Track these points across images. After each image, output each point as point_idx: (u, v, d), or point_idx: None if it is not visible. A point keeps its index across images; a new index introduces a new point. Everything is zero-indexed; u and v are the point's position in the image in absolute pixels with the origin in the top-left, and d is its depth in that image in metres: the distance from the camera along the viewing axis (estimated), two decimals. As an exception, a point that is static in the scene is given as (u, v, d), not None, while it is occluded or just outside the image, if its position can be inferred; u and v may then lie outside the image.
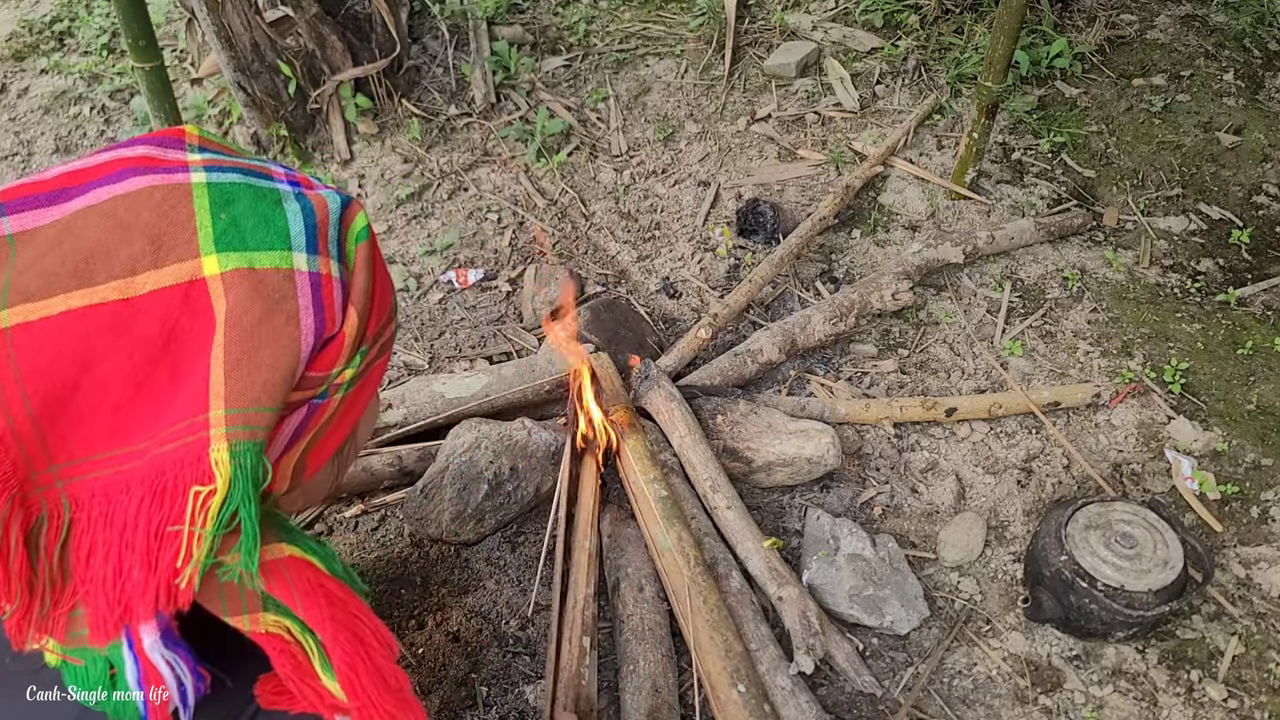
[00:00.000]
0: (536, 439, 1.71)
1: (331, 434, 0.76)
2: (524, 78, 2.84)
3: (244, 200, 0.69)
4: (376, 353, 0.78)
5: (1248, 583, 1.69)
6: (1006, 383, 2.01)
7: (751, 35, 3.01)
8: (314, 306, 0.69)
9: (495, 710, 1.50)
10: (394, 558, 1.70)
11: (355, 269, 0.74)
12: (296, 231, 0.70)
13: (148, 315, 0.64)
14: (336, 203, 0.75)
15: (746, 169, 2.57)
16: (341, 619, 0.68)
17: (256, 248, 0.67)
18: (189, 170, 0.69)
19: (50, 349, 0.62)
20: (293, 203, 0.71)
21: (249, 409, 0.64)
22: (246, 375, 0.64)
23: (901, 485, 1.84)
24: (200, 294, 0.65)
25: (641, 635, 1.49)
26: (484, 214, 2.47)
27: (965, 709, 1.53)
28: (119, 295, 0.64)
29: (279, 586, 0.67)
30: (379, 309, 0.77)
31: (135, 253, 0.64)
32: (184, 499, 0.62)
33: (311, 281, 0.69)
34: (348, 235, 0.75)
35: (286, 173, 0.76)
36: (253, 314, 0.65)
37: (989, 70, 2.14)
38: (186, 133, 0.74)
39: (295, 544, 0.70)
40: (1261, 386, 2.01)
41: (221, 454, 0.62)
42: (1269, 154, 2.56)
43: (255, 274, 0.66)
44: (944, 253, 2.20)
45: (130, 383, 0.63)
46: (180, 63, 2.92)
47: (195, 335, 0.65)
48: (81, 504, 0.62)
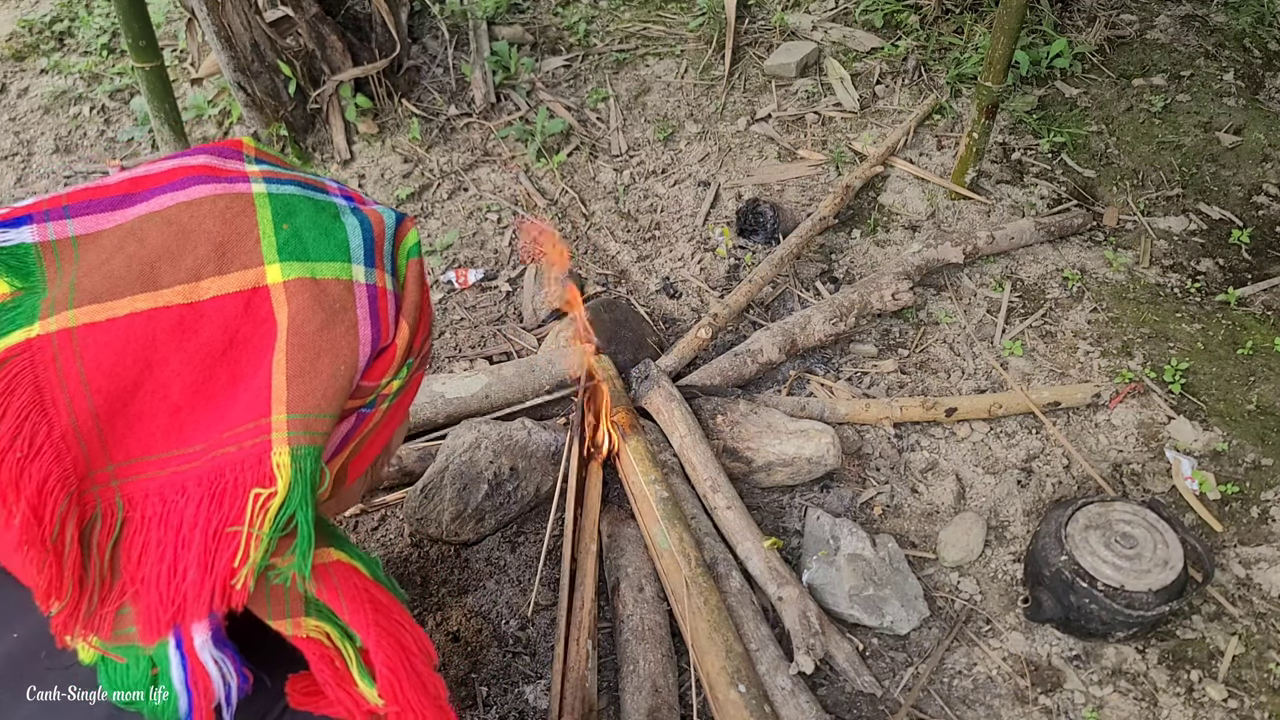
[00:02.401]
0: (536, 439, 1.71)
1: (373, 442, 0.78)
2: (524, 78, 2.84)
3: (305, 212, 0.71)
4: (418, 365, 0.80)
5: (1248, 583, 1.69)
6: (1006, 383, 2.01)
7: (751, 35, 3.01)
8: (371, 318, 0.70)
9: (495, 710, 1.50)
10: (394, 558, 1.70)
11: (407, 283, 0.76)
12: (356, 245, 0.72)
13: (210, 320, 0.65)
14: (391, 219, 0.78)
15: (746, 169, 2.57)
16: (386, 625, 0.69)
17: (318, 258, 0.69)
18: (249, 181, 0.71)
19: (115, 349, 0.63)
20: (350, 217, 0.73)
21: (310, 414, 0.65)
22: (308, 382, 0.66)
23: (901, 485, 1.84)
24: (263, 301, 0.67)
25: (641, 635, 1.49)
26: (484, 214, 2.47)
27: (965, 709, 1.53)
28: (183, 300, 0.65)
29: (327, 591, 0.68)
30: (425, 323, 0.79)
31: (200, 259, 0.66)
32: (244, 500, 0.63)
33: (369, 293, 0.71)
34: (400, 251, 0.77)
35: (340, 188, 0.78)
36: (314, 323, 0.67)
37: (989, 70, 2.14)
38: (244, 144, 0.76)
39: (343, 549, 0.71)
40: (1261, 386, 2.01)
41: (283, 457, 0.63)
42: (1269, 154, 2.56)
43: (317, 284, 0.68)
44: (944, 253, 2.20)
45: (190, 386, 0.65)
46: (180, 63, 2.92)
47: (256, 342, 0.66)
48: (135, 504, 0.63)
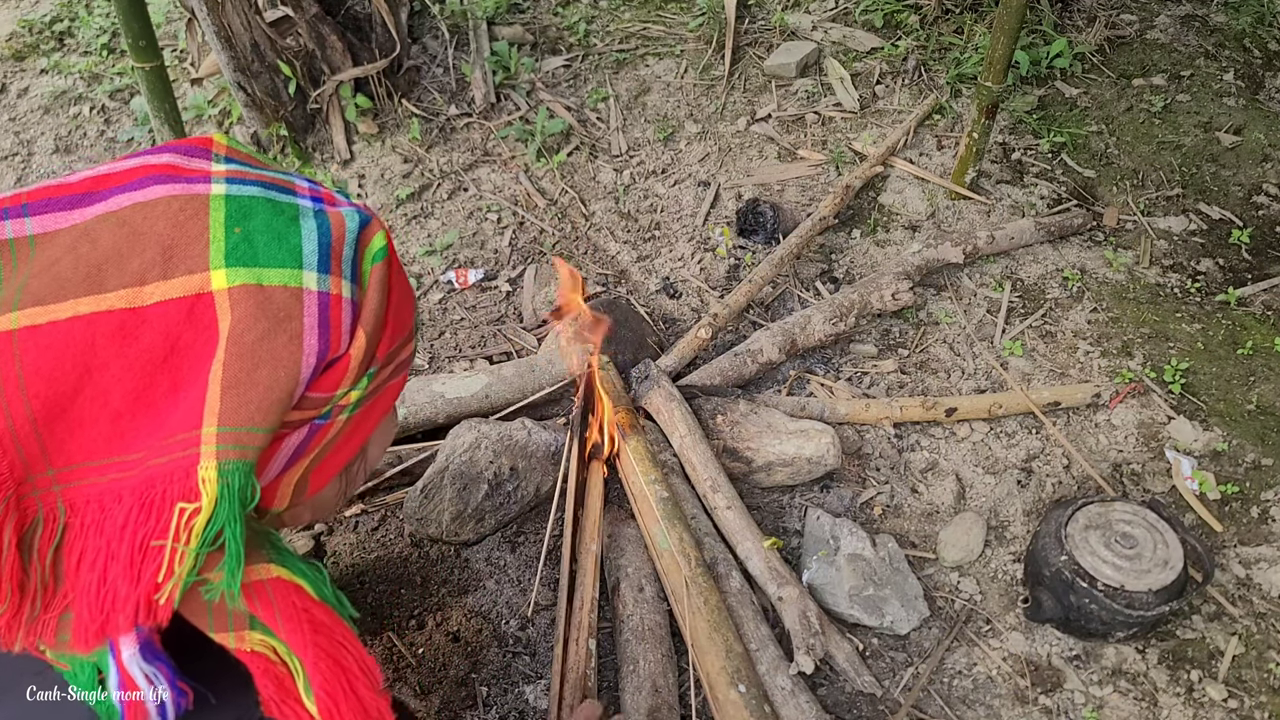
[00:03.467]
0: (536, 439, 1.71)
1: (336, 453, 0.76)
2: (524, 78, 2.84)
3: (260, 215, 0.69)
4: (389, 374, 0.77)
5: (1248, 583, 1.69)
6: (1006, 383, 2.01)
7: (751, 35, 3.01)
8: (319, 327, 0.68)
9: (495, 710, 1.50)
10: (394, 558, 1.70)
11: (368, 290, 0.73)
12: (310, 250, 0.69)
13: (152, 326, 0.64)
14: (355, 221, 0.74)
15: (746, 169, 2.57)
16: (324, 645, 0.67)
17: (267, 264, 0.67)
18: (210, 181, 0.69)
19: (54, 353, 0.62)
20: (310, 220, 0.71)
21: (241, 428, 0.63)
22: (242, 394, 0.64)
23: (901, 485, 1.84)
24: (206, 308, 0.65)
25: (641, 635, 1.49)
26: (484, 214, 2.47)
27: (965, 709, 1.53)
28: (126, 304, 0.63)
29: (262, 608, 0.66)
30: (393, 331, 0.76)
31: (146, 262, 0.64)
32: (169, 514, 0.61)
33: (320, 301, 0.68)
34: (364, 255, 0.74)
35: (310, 187, 0.75)
36: (255, 331, 0.65)
37: (989, 70, 2.14)
38: (214, 142, 0.74)
39: (285, 565, 0.69)
40: (1261, 386, 2.01)
41: (209, 472, 0.62)
42: (1269, 154, 2.56)
43: (263, 291, 0.66)
44: (944, 253, 2.19)
45: (130, 393, 0.63)
46: (180, 63, 2.92)
47: (197, 349, 0.64)
48: (76, 509, 0.62)
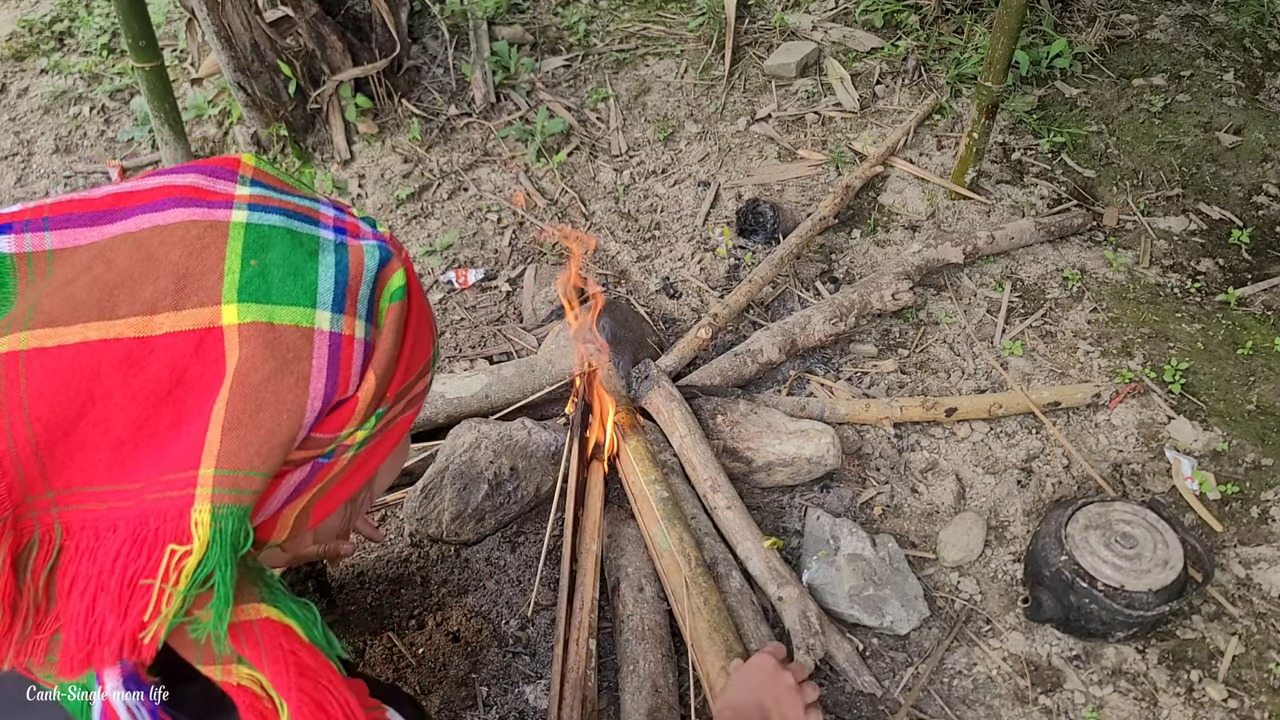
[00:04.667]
0: (536, 439, 1.71)
1: (340, 487, 0.75)
2: (524, 78, 2.84)
3: (278, 247, 0.67)
4: (400, 409, 0.76)
5: (1248, 583, 1.69)
6: (1006, 383, 2.01)
7: (751, 35, 3.01)
8: (328, 369, 0.67)
9: (495, 710, 1.50)
10: (394, 558, 1.70)
11: (383, 330, 0.72)
12: (325, 289, 0.68)
13: (159, 358, 0.63)
14: (375, 259, 0.72)
15: (746, 169, 2.57)
16: (309, 690, 0.67)
17: (280, 301, 0.66)
18: (232, 207, 0.68)
19: (60, 378, 0.61)
20: (329, 255, 0.69)
21: (239, 471, 0.63)
22: (242, 436, 0.63)
23: (901, 485, 1.84)
24: (215, 343, 0.64)
25: (641, 635, 1.49)
26: (484, 214, 2.47)
27: (965, 709, 1.53)
28: (135, 333, 0.63)
29: (249, 648, 0.66)
30: (405, 370, 0.74)
31: (159, 291, 0.63)
32: (160, 553, 0.61)
33: (331, 342, 0.67)
34: (382, 294, 0.72)
35: (336, 216, 0.74)
36: (261, 372, 0.64)
37: (989, 70, 2.14)
38: (242, 163, 0.73)
39: (276, 605, 0.69)
40: (1261, 386, 2.01)
41: (203, 515, 0.61)
42: (1269, 154, 2.56)
43: (273, 329, 0.65)
44: (944, 253, 2.20)
45: (133, 422, 0.63)
46: (180, 63, 2.91)
47: (203, 384, 0.64)
48: (73, 533, 0.62)
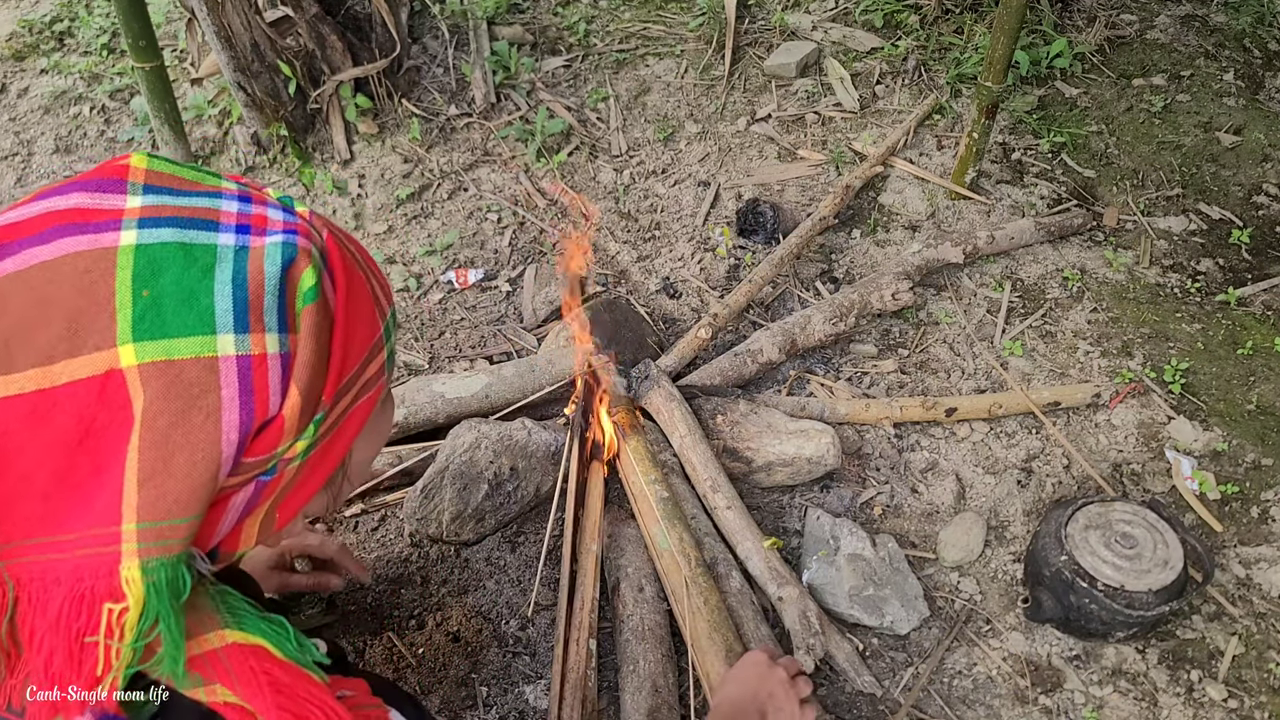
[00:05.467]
0: (536, 439, 1.71)
1: (300, 490, 0.72)
2: (524, 78, 2.84)
3: (171, 270, 0.62)
4: (348, 402, 0.73)
5: (1248, 583, 1.69)
6: (1006, 383, 2.01)
7: (751, 35, 3.01)
8: (240, 396, 0.63)
9: (495, 710, 1.50)
10: (394, 558, 1.70)
11: (301, 336, 0.66)
12: (224, 309, 0.63)
13: (63, 409, 0.60)
14: (277, 262, 0.66)
15: (746, 169, 2.57)
16: (288, 705, 0.66)
17: (176, 334, 0.61)
18: (120, 228, 0.63)
19: None
20: (227, 268, 0.64)
21: (161, 522, 0.61)
22: (159, 486, 0.61)
23: (901, 485, 1.84)
24: (118, 387, 0.60)
25: (641, 635, 1.49)
26: (484, 214, 2.47)
27: (965, 709, 1.53)
28: (36, 386, 0.59)
29: (219, 676, 0.65)
30: (340, 368, 0.70)
31: (52, 338, 0.60)
32: (99, 611, 0.60)
33: (239, 367, 0.63)
34: (293, 298, 0.67)
35: (240, 211, 0.68)
36: (168, 414, 0.61)
37: (989, 70, 2.14)
38: (131, 169, 0.67)
39: (241, 628, 0.67)
40: (1261, 386, 2.01)
41: (132, 572, 0.60)
42: (1269, 154, 2.56)
43: (173, 366, 0.61)
44: (944, 253, 2.20)
45: (54, 475, 0.60)
46: (180, 63, 2.91)
47: (112, 431, 0.61)
48: (23, 584, 0.61)
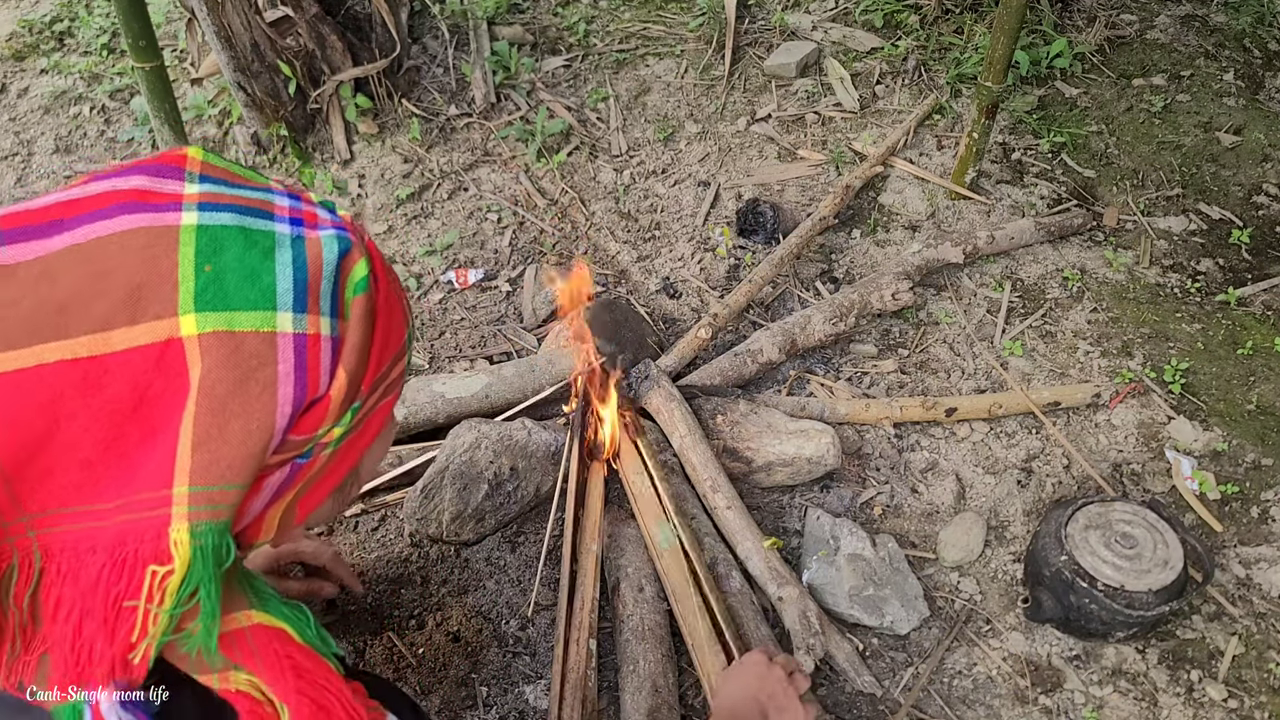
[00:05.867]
0: (536, 439, 1.71)
1: (323, 482, 0.74)
2: (524, 78, 2.84)
3: (232, 249, 0.65)
4: (378, 398, 0.75)
5: (1248, 583, 1.69)
6: (1006, 383, 2.01)
7: (751, 35, 3.01)
8: (295, 372, 0.65)
9: (495, 710, 1.50)
10: (394, 558, 1.70)
11: (350, 324, 0.69)
12: (284, 289, 0.65)
13: (118, 376, 0.61)
14: (334, 250, 0.69)
15: (746, 169, 2.57)
16: (307, 691, 0.67)
17: (238, 307, 0.63)
18: (181, 209, 0.65)
19: (19, 404, 0.60)
20: (286, 251, 0.67)
21: (213, 486, 0.62)
22: (213, 451, 0.62)
23: (901, 485, 1.84)
24: (176, 356, 0.62)
25: (641, 635, 1.49)
26: (484, 214, 2.47)
27: (965, 709, 1.53)
28: (89, 352, 0.60)
29: (244, 657, 0.66)
30: (378, 360, 0.72)
31: (112, 305, 0.61)
32: (141, 575, 0.60)
33: (295, 344, 0.65)
34: (345, 286, 0.70)
35: (291, 205, 0.71)
36: (226, 383, 0.62)
37: (989, 70, 2.14)
38: (188, 159, 0.69)
39: (266, 610, 0.68)
40: (1261, 386, 2.01)
41: (181, 534, 0.61)
42: (1269, 154, 2.56)
43: (234, 337, 0.63)
44: (944, 253, 2.20)
45: (100, 442, 0.61)
46: (180, 63, 2.91)
47: (168, 399, 0.62)
48: (52, 555, 0.61)
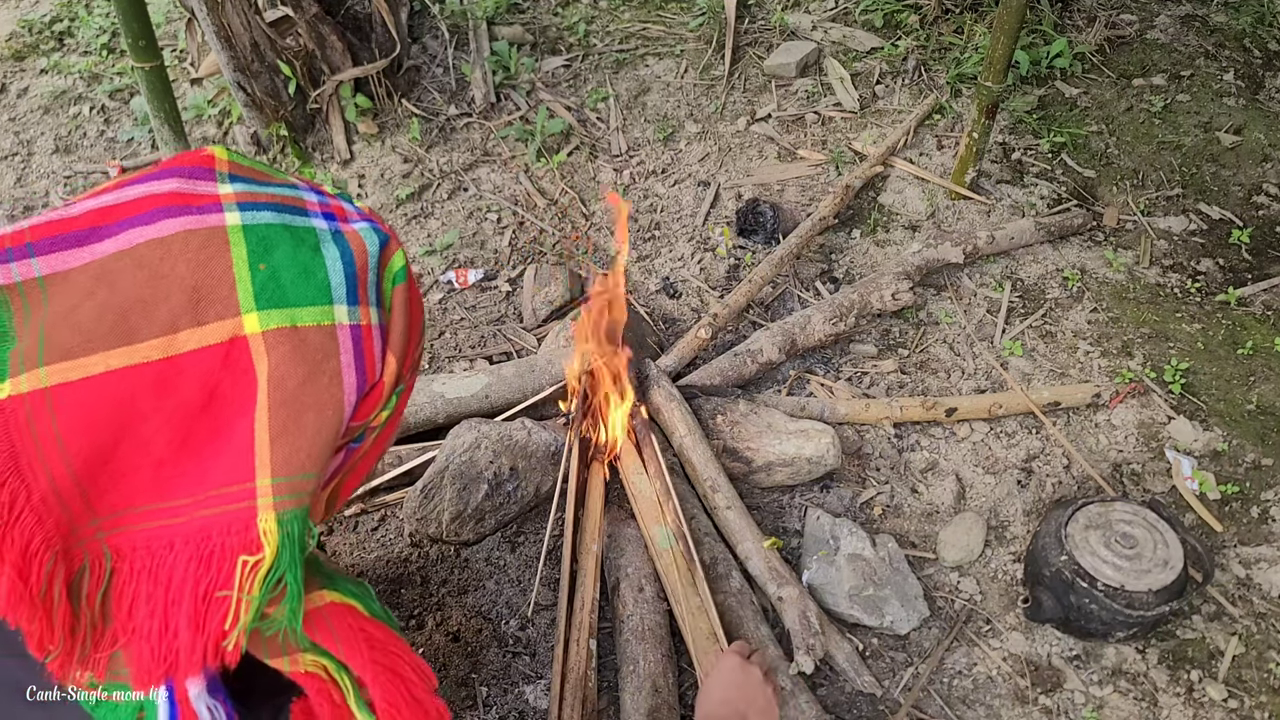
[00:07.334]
0: (536, 439, 1.71)
1: (365, 463, 0.77)
2: (524, 78, 2.84)
3: (282, 247, 0.67)
4: (412, 379, 0.78)
5: (1248, 583, 1.69)
6: (1006, 383, 2.01)
7: (751, 35, 3.01)
8: (356, 361, 0.68)
9: (495, 710, 1.50)
10: (394, 558, 1.70)
11: (393, 312, 0.73)
12: (337, 283, 0.68)
13: (188, 376, 0.63)
14: (375, 244, 0.73)
15: (746, 169, 2.57)
16: (383, 661, 0.69)
17: (298, 303, 0.66)
18: (222, 209, 0.67)
19: (92, 409, 0.61)
20: (331, 247, 0.70)
21: (295, 476, 0.64)
22: (292, 442, 0.64)
23: (901, 485, 1.84)
24: (242, 353, 0.64)
25: (641, 635, 1.49)
26: (484, 214, 2.47)
27: (965, 709, 1.53)
28: (161, 354, 0.62)
29: (321, 634, 0.68)
30: (415, 344, 0.76)
31: (175, 309, 0.63)
32: (231, 566, 0.62)
33: (353, 335, 0.68)
34: (385, 277, 0.74)
35: (320, 201, 0.74)
36: (296, 376, 0.65)
37: (989, 70, 2.14)
38: (216, 159, 0.72)
39: (336, 589, 0.70)
40: (1261, 386, 2.01)
41: (269, 524, 0.62)
42: (1269, 154, 2.56)
43: (297, 333, 0.65)
44: (944, 253, 2.19)
45: (172, 442, 0.63)
46: (180, 63, 2.91)
47: (237, 395, 0.64)
48: (124, 555, 0.62)
